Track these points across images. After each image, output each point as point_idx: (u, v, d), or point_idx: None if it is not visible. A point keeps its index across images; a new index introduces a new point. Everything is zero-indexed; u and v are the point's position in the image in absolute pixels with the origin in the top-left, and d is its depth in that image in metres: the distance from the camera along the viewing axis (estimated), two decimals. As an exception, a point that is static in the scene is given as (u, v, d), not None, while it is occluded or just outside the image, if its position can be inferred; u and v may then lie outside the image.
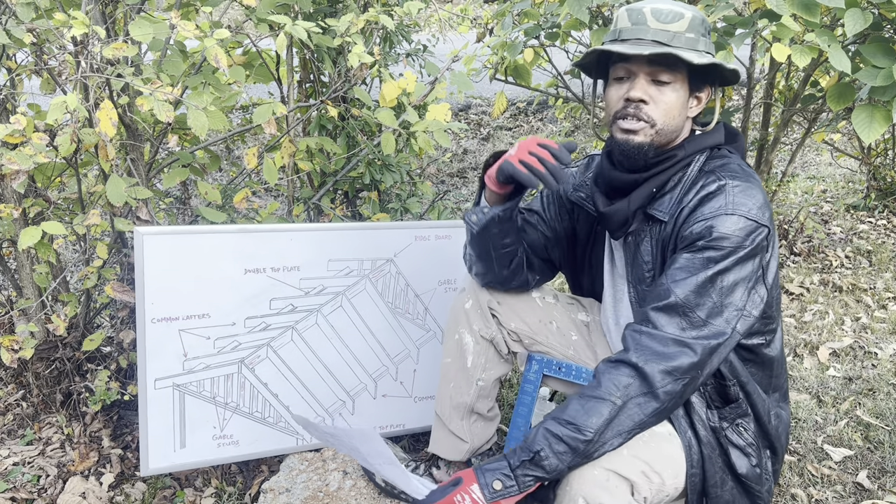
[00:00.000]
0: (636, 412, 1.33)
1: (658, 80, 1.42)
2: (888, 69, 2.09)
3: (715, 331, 1.35)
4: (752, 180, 1.42)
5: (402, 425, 2.16)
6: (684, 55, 1.37)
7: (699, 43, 1.42)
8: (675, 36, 1.40)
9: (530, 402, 1.76)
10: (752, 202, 1.38)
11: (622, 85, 1.45)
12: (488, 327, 1.73)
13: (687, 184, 1.46)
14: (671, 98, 1.43)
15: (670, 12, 1.41)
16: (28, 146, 1.68)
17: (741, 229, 1.35)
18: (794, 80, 3.59)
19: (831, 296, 3.24)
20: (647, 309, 1.39)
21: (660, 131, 1.44)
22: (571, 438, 1.32)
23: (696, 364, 1.34)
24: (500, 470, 1.35)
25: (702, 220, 1.38)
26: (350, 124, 2.52)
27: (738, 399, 1.48)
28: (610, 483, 1.34)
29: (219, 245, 1.86)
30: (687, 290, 1.35)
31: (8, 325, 2.22)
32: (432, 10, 2.62)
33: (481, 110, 6.58)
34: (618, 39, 1.43)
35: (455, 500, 1.34)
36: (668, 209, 1.46)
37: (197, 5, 2.27)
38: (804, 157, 5.54)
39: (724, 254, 1.35)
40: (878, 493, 2.00)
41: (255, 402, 1.96)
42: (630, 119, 1.43)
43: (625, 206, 1.50)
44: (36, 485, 2.05)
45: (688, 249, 1.39)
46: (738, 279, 1.36)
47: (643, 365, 1.33)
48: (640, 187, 1.48)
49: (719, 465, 1.47)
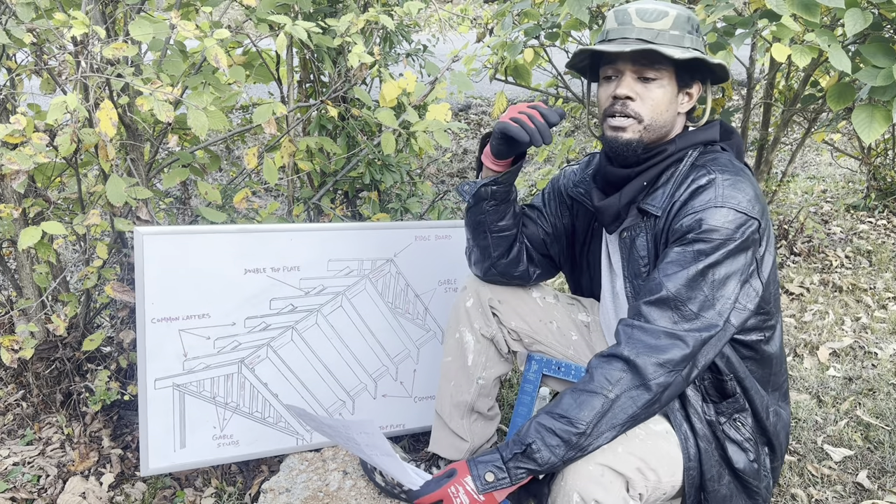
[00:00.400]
0: (629, 405, 1.34)
1: (644, 77, 1.45)
2: (888, 69, 2.09)
3: (707, 323, 1.36)
4: (743, 174, 1.44)
5: (402, 425, 2.16)
6: (665, 51, 1.40)
7: (684, 40, 1.44)
8: (660, 34, 1.43)
9: (530, 402, 1.76)
10: (741, 195, 1.39)
11: (610, 84, 1.48)
12: (489, 326, 1.74)
13: (679, 178, 1.48)
14: (658, 94, 1.45)
15: (654, 11, 1.44)
16: (28, 146, 1.68)
17: (730, 221, 1.37)
18: (794, 80, 3.59)
19: (831, 296, 3.24)
20: (639, 303, 1.41)
21: (648, 127, 1.46)
22: (564, 431, 1.32)
23: (688, 356, 1.35)
24: (492, 462, 1.36)
25: (692, 213, 1.40)
26: (350, 124, 2.52)
27: (735, 394, 1.48)
28: (604, 479, 1.34)
29: (219, 245, 1.86)
30: (678, 283, 1.37)
31: (8, 325, 2.22)
32: (432, 10, 2.62)
33: (481, 110, 6.58)
34: (605, 40, 1.47)
35: (449, 492, 1.36)
36: (660, 203, 1.48)
37: (197, 5, 2.27)
38: (804, 157, 5.54)
39: (714, 246, 1.36)
40: (878, 493, 2.00)
41: (255, 402, 1.96)
42: (618, 116, 1.46)
43: (616, 199, 1.53)
44: (36, 485, 2.04)
45: (679, 243, 1.40)
46: (729, 272, 1.37)
47: (635, 358, 1.33)
48: (632, 181, 1.51)
49: (716, 459, 1.47)
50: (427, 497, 1.39)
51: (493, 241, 1.67)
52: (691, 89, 1.51)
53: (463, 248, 1.78)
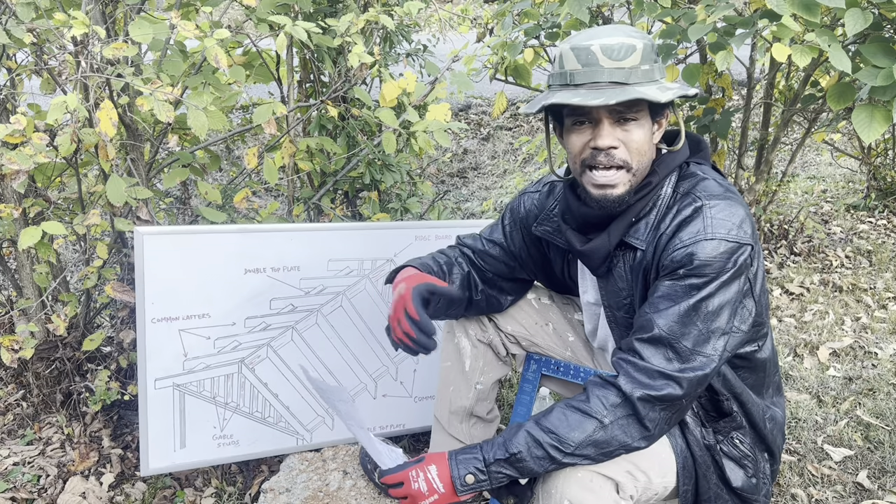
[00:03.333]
0: (619, 434, 1.32)
1: (622, 118, 1.34)
2: (888, 69, 2.09)
3: (702, 362, 1.32)
4: (730, 195, 1.37)
5: (402, 425, 2.16)
6: (650, 95, 1.29)
7: (654, 72, 1.34)
8: (632, 72, 1.31)
9: (529, 402, 1.76)
10: (730, 221, 1.33)
11: (583, 130, 1.37)
12: (485, 331, 1.73)
13: (662, 208, 1.40)
14: (639, 136, 1.35)
15: (621, 47, 1.31)
16: (28, 146, 1.68)
17: (722, 253, 1.31)
18: (794, 80, 3.59)
19: (831, 296, 3.24)
20: (631, 339, 1.37)
21: (636, 173, 1.37)
22: (551, 447, 1.32)
23: (681, 396, 1.33)
24: (473, 463, 1.36)
25: (681, 247, 1.33)
26: (350, 124, 2.52)
27: (732, 413, 1.47)
28: (594, 484, 1.34)
29: (219, 245, 1.86)
30: (670, 320, 1.32)
31: (8, 325, 2.22)
32: (432, 10, 2.62)
33: (481, 110, 6.57)
34: (570, 84, 1.33)
35: (410, 475, 1.38)
36: (644, 236, 1.41)
37: (197, 5, 2.27)
38: (804, 157, 5.54)
39: (707, 280, 1.31)
40: (878, 493, 2.00)
41: (255, 402, 1.96)
42: (602, 170, 1.36)
43: (605, 241, 1.43)
44: (36, 485, 2.05)
45: (669, 277, 1.34)
46: (723, 302, 1.32)
47: (631, 392, 1.32)
48: (618, 220, 1.42)
49: (714, 482, 1.47)
50: (390, 477, 1.42)
51: (453, 314, 1.70)
52: (662, 118, 1.42)
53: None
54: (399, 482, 1.40)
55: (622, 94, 1.28)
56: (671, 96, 1.31)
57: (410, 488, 1.38)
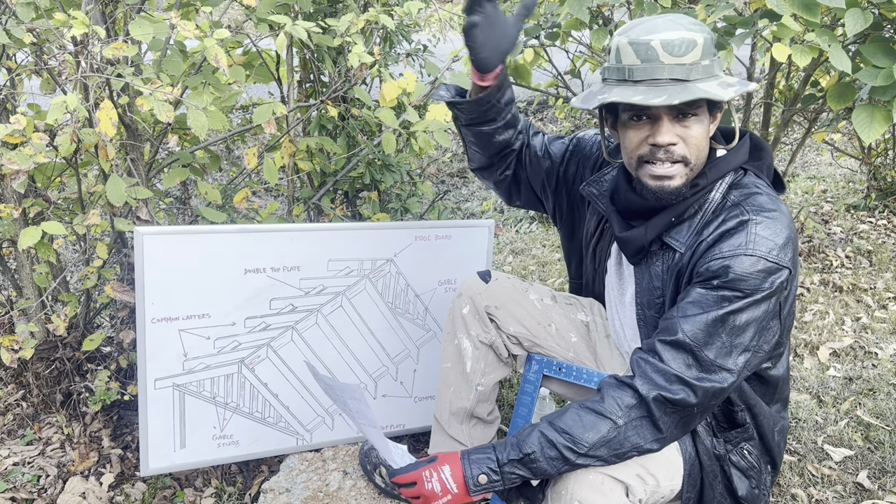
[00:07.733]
0: (633, 435, 1.32)
1: (682, 114, 1.33)
2: (888, 69, 2.09)
3: (722, 375, 1.31)
4: (779, 214, 1.34)
5: (403, 425, 2.16)
6: (712, 93, 1.27)
7: (714, 66, 1.32)
8: (692, 68, 1.29)
9: (530, 403, 1.75)
10: (773, 241, 1.30)
11: (641, 126, 1.36)
12: (487, 332, 1.72)
13: (707, 214, 1.39)
14: (698, 131, 1.35)
15: (682, 42, 1.28)
16: (28, 146, 1.68)
17: (760, 271, 1.29)
18: (794, 79, 3.59)
19: (831, 296, 3.24)
20: (654, 340, 1.36)
21: (693, 167, 1.37)
22: (565, 448, 1.32)
23: (694, 404, 1.32)
24: (486, 463, 1.35)
25: (719, 257, 1.32)
26: (350, 124, 2.52)
27: (745, 424, 1.47)
28: (605, 486, 1.34)
29: (219, 245, 1.86)
30: (696, 327, 1.31)
31: (8, 325, 2.21)
32: (432, 10, 2.62)
33: (481, 110, 6.56)
34: (628, 80, 1.31)
35: (423, 475, 1.37)
36: (685, 240, 1.40)
37: (197, 5, 2.27)
38: (804, 157, 5.54)
39: (741, 295, 1.30)
40: (879, 493, 2.00)
41: (255, 402, 1.96)
42: (662, 164, 1.35)
43: (641, 234, 1.44)
44: (36, 485, 2.04)
45: (702, 285, 1.33)
46: (751, 319, 1.31)
47: (646, 394, 1.31)
48: (659, 215, 1.42)
49: (719, 491, 1.48)
50: (402, 476, 1.40)
51: (484, 144, 1.65)
52: (718, 111, 1.41)
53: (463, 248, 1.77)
54: (412, 482, 1.39)
55: (684, 93, 1.27)
56: (733, 94, 1.30)
57: (424, 488, 1.37)
